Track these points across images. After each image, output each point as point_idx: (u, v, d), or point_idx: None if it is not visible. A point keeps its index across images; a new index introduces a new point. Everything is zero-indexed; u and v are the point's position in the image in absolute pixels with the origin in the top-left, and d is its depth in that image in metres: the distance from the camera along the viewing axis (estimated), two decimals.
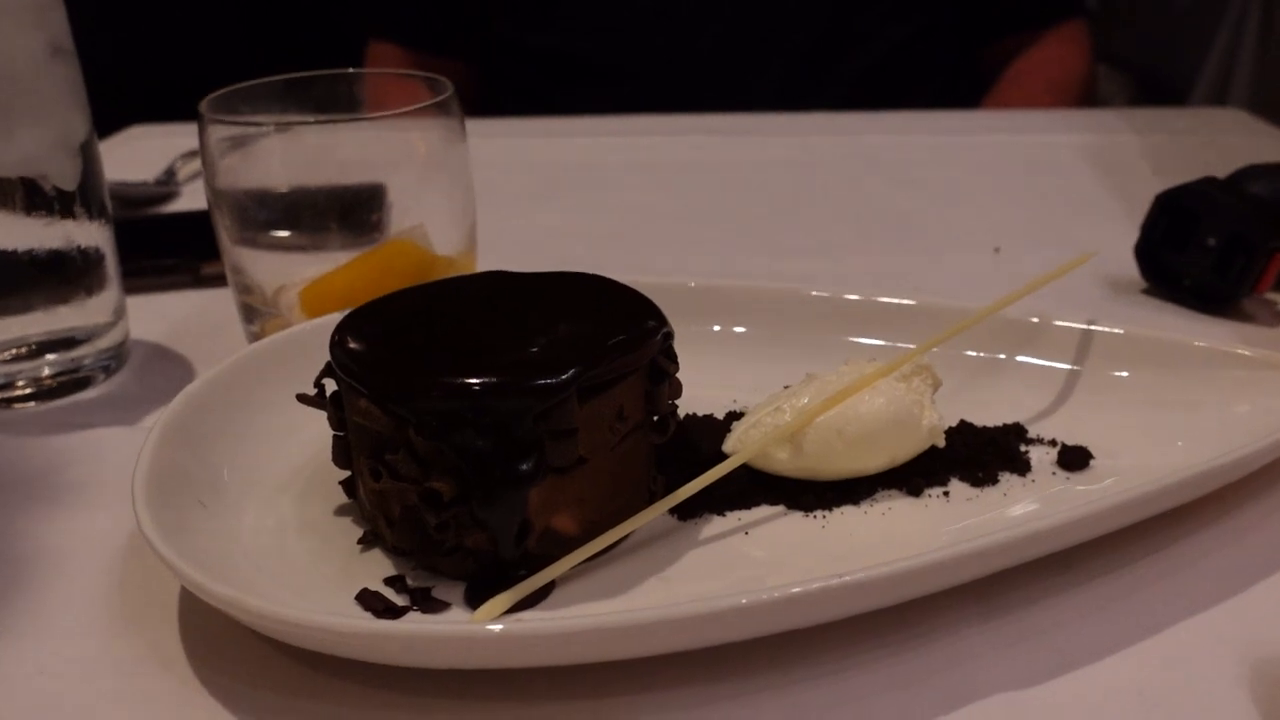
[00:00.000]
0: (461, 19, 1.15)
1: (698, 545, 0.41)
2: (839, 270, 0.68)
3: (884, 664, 0.36)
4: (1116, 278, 0.63)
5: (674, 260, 0.70)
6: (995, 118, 1.05)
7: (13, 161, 0.50)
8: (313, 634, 0.33)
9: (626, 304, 0.42)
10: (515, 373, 0.37)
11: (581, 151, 0.92)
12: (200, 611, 0.39)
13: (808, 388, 0.43)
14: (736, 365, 0.50)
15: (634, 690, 0.35)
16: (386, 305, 0.43)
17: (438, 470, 0.37)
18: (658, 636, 0.33)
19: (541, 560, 0.38)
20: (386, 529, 0.39)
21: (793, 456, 0.42)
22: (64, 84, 0.52)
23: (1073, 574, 0.39)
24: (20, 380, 0.54)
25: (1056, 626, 0.38)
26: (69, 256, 0.53)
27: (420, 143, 0.54)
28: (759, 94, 1.07)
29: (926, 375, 0.44)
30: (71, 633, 0.39)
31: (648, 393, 0.40)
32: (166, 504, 0.38)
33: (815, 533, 0.41)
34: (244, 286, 0.56)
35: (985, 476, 0.43)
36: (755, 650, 0.36)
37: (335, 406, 0.41)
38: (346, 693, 0.35)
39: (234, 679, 0.36)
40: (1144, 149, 0.88)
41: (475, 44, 1.15)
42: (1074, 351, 0.49)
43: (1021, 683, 0.35)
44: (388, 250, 0.56)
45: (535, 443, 0.36)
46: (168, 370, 0.58)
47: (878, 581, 0.33)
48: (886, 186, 0.82)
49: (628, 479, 0.40)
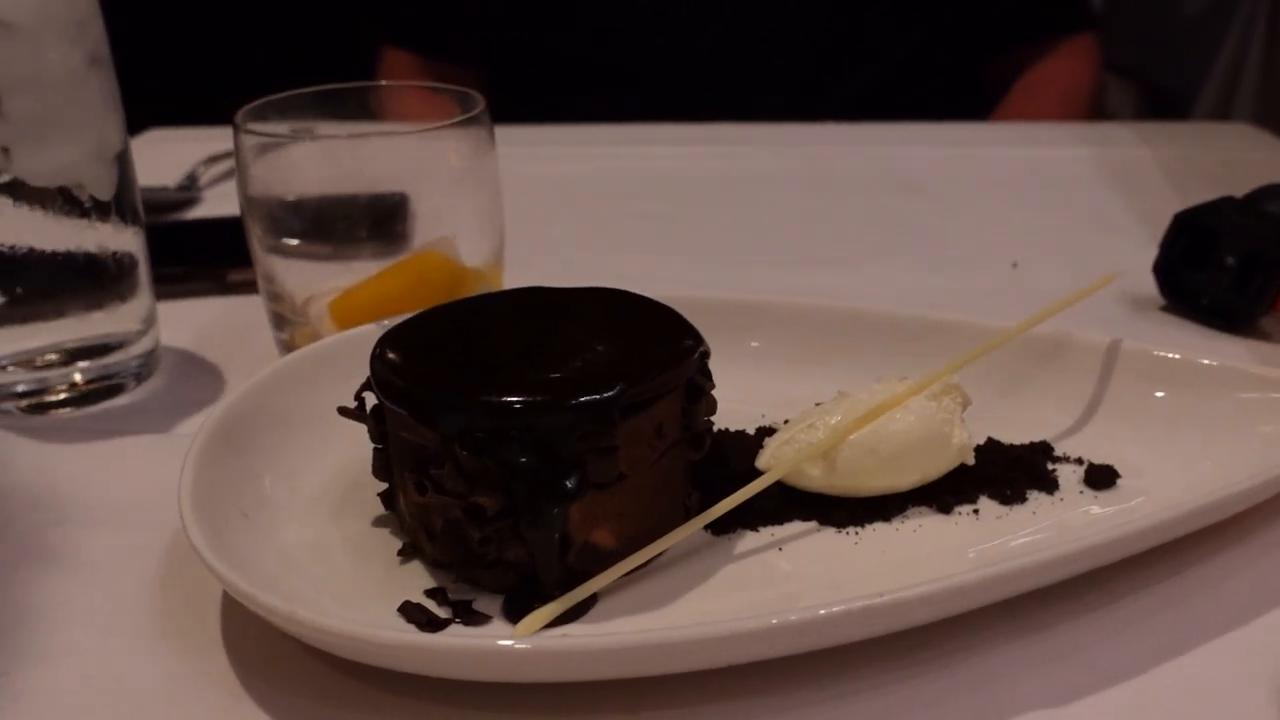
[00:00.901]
0: (472, 25, 1.16)
1: (732, 560, 0.41)
2: (856, 284, 0.68)
3: (918, 680, 0.37)
4: (1135, 295, 0.64)
5: (687, 272, 0.70)
6: (1005, 130, 1.06)
7: (51, 170, 0.51)
8: (364, 647, 0.34)
9: (662, 321, 0.43)
10: (560, 390, 0.37)
11: (592, 161, 0.93)
12: (242, 620, 0.40)
13: (840, 405, 0.44)
14: (764, 381, 0.50)
15: (671, 705, 0.36)
16: (425, 321, 0.44)
17: (482, 485, 0.37)
18: (698, 653, 0.34)
19: (580, 575, 0.39)
20: (428, 542, 0.40)
21: (826, 473, 0.43)
22: (101, 94, 0.52)
23: (1100, 593, 0.40)
24: (56, 386, 0.54)
25: (1086, 645, 0.38)
26: (104, 264, 0.54)
27: (452, 155, 0.55)
28: (766, 103, 1.07)
29: (956, 394, 0.44)
30: (114, 641, 0.39)
31: (685, 410, 0.41)
32: (211, 515, 0.39)
33: (848, 549, 0.42)
34: (274, 294, 0.57)
35: (1014, 494, 0.44)
36: (792, 666, 0.36)
37: (376, 420, 0.41)
38: (386, 703, 0.36)
39: (277, 688, 0.37)
40: (1156, 163, 0.89)
41: (485, 50, 1.15)
42: (1098, 370, 0.49)
43: (1053, 701, 0.36)
44: (417, 262, 0.57)
45: (578, 459, 0.37)
46: (198, 377, 0.58)
47: (918, 600, 0.34)
48: (900, 199, 0.83)
49: (665, 495, 0.41)
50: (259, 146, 0.53)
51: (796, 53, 1.11)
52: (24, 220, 0.51)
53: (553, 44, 1.13)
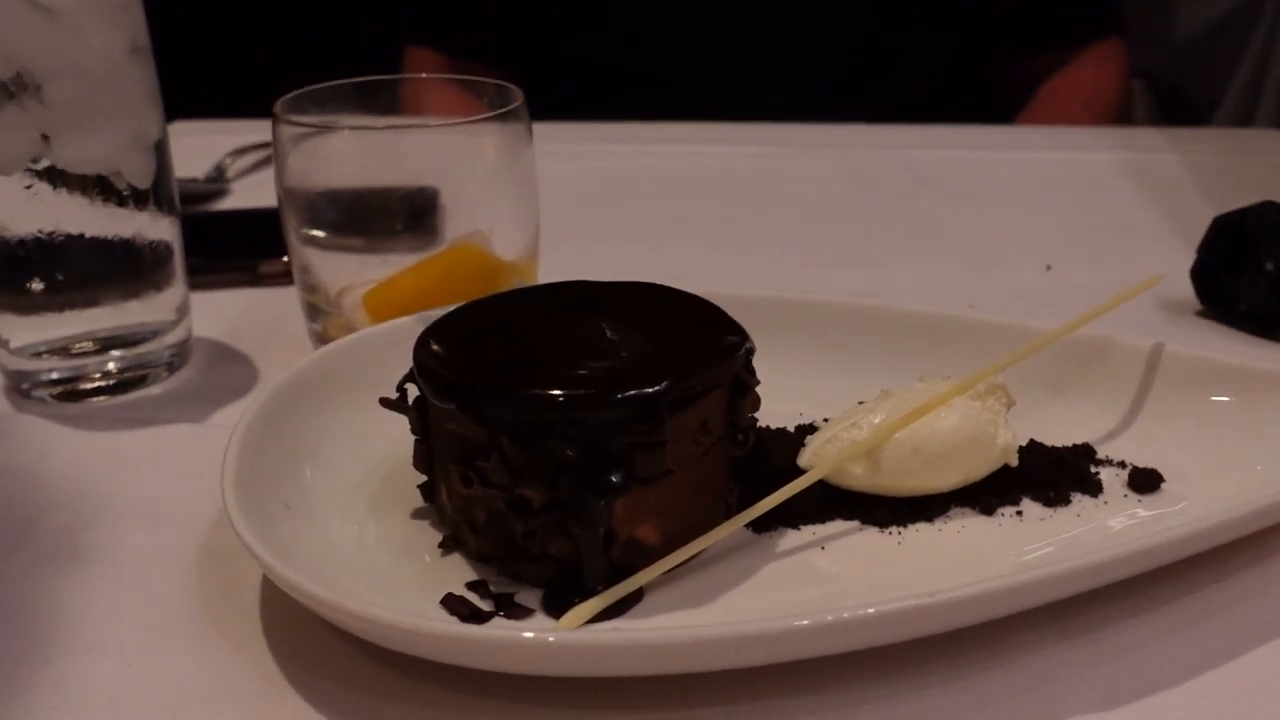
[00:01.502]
0: (498, 26, 1.15)
1: (774, 558, 0.41)
2: (888, 284, 0.68)
3: (966, 682, 0.36)
4: (1171, 299, 0.63)
5: (715, 270, 0.70)
6: (1034, 134, 1.05)
7: (90, 158, 0.51)
8: (415, 639, 0.33)
9: (706, 316, 0.43)
10: (609, 384, 0.37)
11: (619, 159, 0.92)
12: (282, 609, 0.39)
13: (883, 404, 0.43)
14: (802, 379, 0.50)
15: (717, 702, 0.36)
16: (468, 314, 0.43)
17: (528, 478, 0.37)
18: (749, 649, 0.34)
19: (623, 570, 0.38)
20: (470, 535, 0.40)
21: (869, 472, 0.42)
22: (141, 82, 0.52)
23: (1145, 597, 0.40)
24: (90, 374, 0.54)
25: (1133, 648, 0.38)
26: (141, 252, 0.54)
27: (490, 148, 0.55)
28: (792, 108, 1.07)
29: (1001, 394, 0.44)
30: (153, 629, 0.39)
31: (730, 406, 0.40)
32: (254, 506, 0.39)
33: (891, 549, 0.41)
34: (309, 285, 0.56)
35: (1057, 497, 0.44)
36: (841, 665, 0.36)
37: (418, 412, 0.41)
38: (427, 695, 0.36)
39: (319, 677, 0.37)
40: (1186, 168, 0.88)
41: (511, 50, 1.15)
42: (1140, 373, 0.49)
43: (1100, 705, 0.36)
44: (452, 255, 0.56)
45: (625, 454, 0.37)
46: (230, 368, 0.58)
47: (972, 600, 0.34)
48: (931, 201, 0.83)
49: (708, 491, 0.41)
50: (297, 137, 0.53)
51: (824, 58, 1.10)
52: (63, 207, 0.51)
53: (580, 46, 1.12)
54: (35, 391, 0.54)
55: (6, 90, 0.49)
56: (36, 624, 0.39)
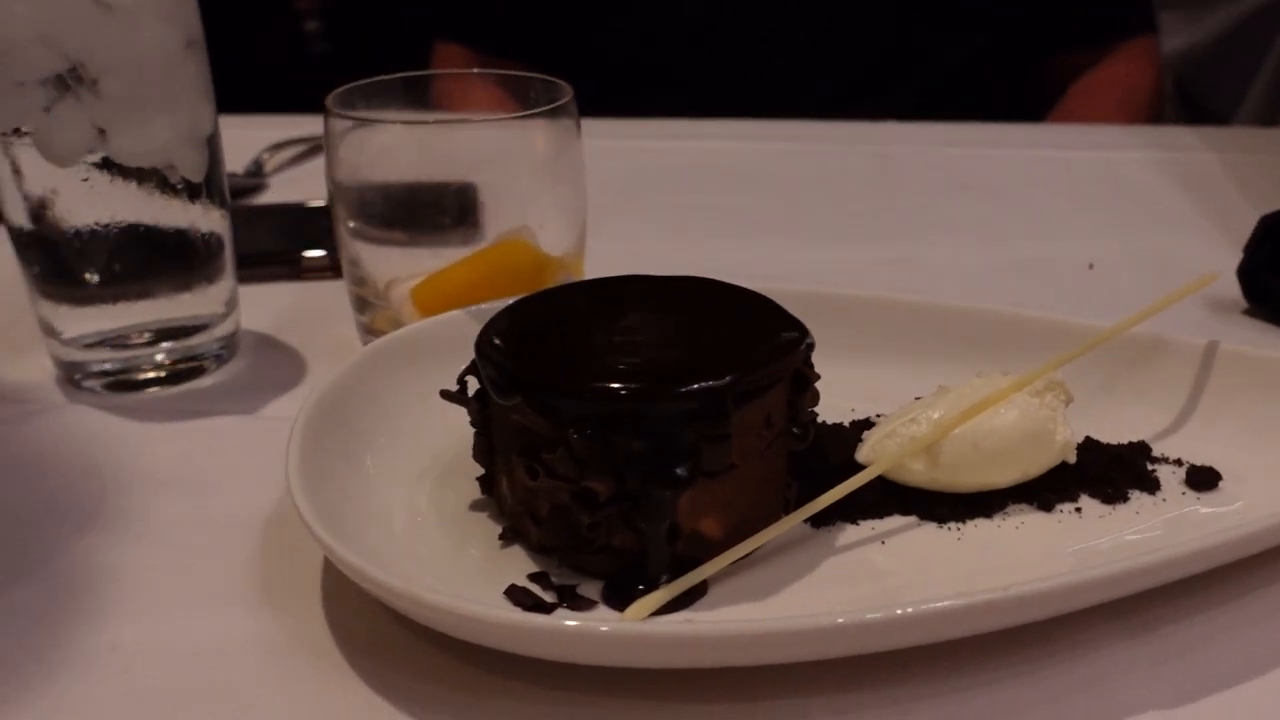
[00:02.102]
0: (527, 22, 1.16)
1: (834, 553, 0.41)
2: (928, 281, 0.68)
3: (1034, 677, 0.36)
4: (1217, 299, 0.63)
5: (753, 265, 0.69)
6: (1069, 132, 1.05)
7: (145, 151, 0.51)
8: (488, 629, 0.34)
9: (763, 311, 0.43)
10: (675, 377, 0.37)
11: (652, 155, 0.93)
12: (342, 596, 0.40)
13: (941, 400, 0.43)
14: (855, 375, 0.50)
15: (783, 694, 0.36)
16: (528, 307, 0.44)
17: (593, 470, 0.37)
18: (822, 643, 0.34)
19: (686, 562, 0.38)
20: (532, 526, 0.40)
21: (928, 468, 0.42)
22: (195, 76, 0.52)
23: (1210, 594, 0.40)
24: (141, 366, 0.55)
25: (1199, 646, 0.38)
26: (194, 245, 0.54)
27: (539, 143, 0.55)
28: (819, 108, 1.07)
29: (1060, 391, 0.44)
30: (218, 615, 0.39)
31: (791, 400, 0.41)
32: (317, 495, 0.39)
33: (951, 544, 0.41)
34: (358, 278, 0.57)
35: (1115, 494, 0.44)
36: (906, 659, 0.36)
37: (479, 404, 0.41)
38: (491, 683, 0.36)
39: (381, 664, 0.37)
40: (1223, 166, 0.88)
41: (538, 47, 1.15)
42: (1194, 371, 0.49)
43: (1166, 702, 0.36)
44: (500, 249, 0.57)
45: (692, 447, 0.37)
46: (277, 360, 0.58)
47: (1042, 595, 0.34)
48: (969, 198, 0.83)
49: (769, 485, 0.41)
50: (348, 130, 0.54)
51: (850, 56, 1.10)
52: (118, 200, 0.51)
53: (606, 44, 1.12)
54: (86, 382, 0.55)
55: (64, 84, 0.49)
56: (101, 609, 0.40)
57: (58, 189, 0.51)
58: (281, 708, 0.36)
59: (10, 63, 0.48)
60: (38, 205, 0.51)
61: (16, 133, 0.49)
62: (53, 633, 0.39)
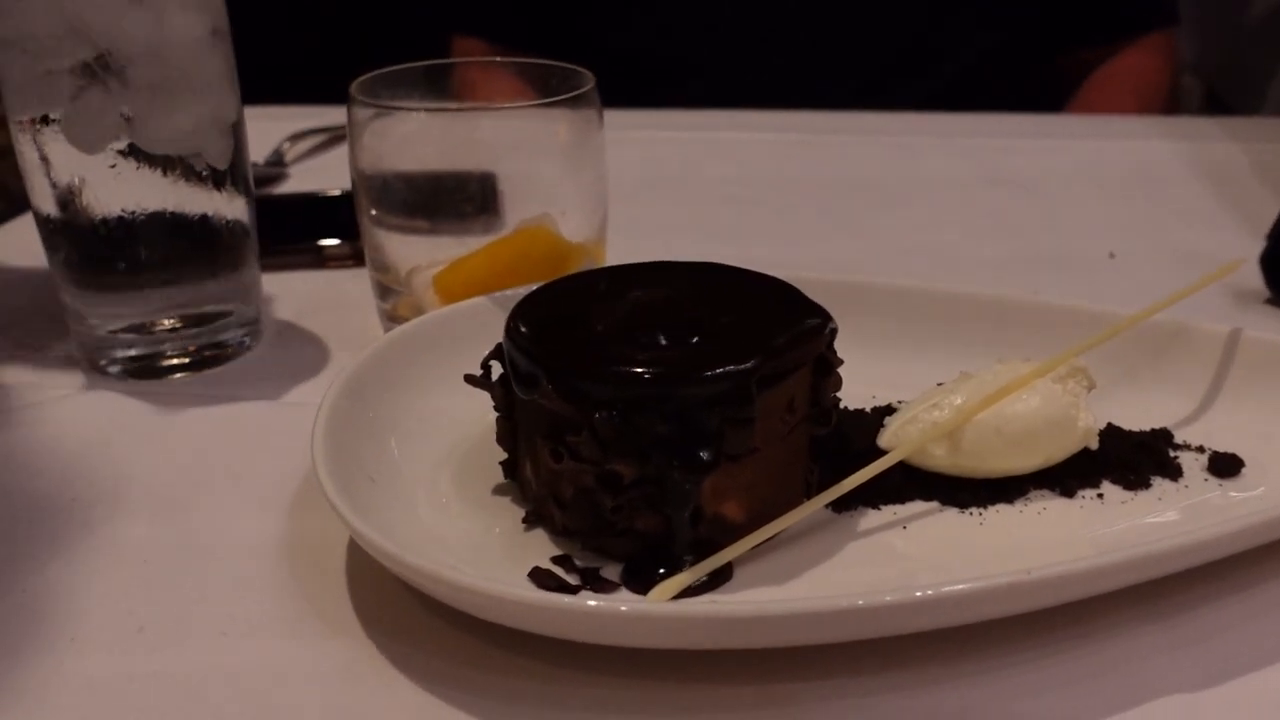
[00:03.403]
0: (545, 16, 1.16)
1: (856, 538, 0.41)
2: (950, 271, 0.68)
3: (1053, 660, 0.36)
4: (1239, 287, 0.63)
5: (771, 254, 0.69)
6: (1089, 122, 1.04)
7: (171, 139, 0.51)
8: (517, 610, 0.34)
9: (786, 297, 0.43)
10: (699, 361, 0.37)
11: (673, 146, 0.93)
12: (367, 579, 0.40)
13: (963, 386, 0.44)
14: (876, 362, 0.50)
15: (800, 678, 0.36)
16: (552, 292, 0.44)
17: (617, 453, 0.37)
18: (847, 624, 0.34)
19: (709, 545, 0.39)
20: (556, 510, 0.40)
21: (950, 453, 0.42)
22: (221, 64, 0.53)
23: (1235, 579, 0.40)
24: (166, 352, 0.55)
25: (1222, 631, 0.38)
26: (219, 232, 0.54)
27: (561, 131, 0.55)
28: (836, 103, 1.06)
29: (1082, 377, 0.44)
30: (243, 597, 0.40)
31: (814, 385, 0.41)
32: (343, 479, 0.39)
33: (973, 529, 0.42)
34: (380, 265, 0.57)
35: (1138, 480, 0.44)
36: (927, 642, 0.36)
37: (503, 389, 0.42)
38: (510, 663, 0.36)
39: (406, 645, 0.37)
40: (1244, 156, 0.88)
41: (555, 39, 1.15)
42: (1217, 359, 0.49)
43: (1190, 685, 0.36)
44: (522, 237, 0.57)
45: (716, 430, 0.37)
46: (300, 347, 0.59)
47: (1066, 578, 0.34)
48: (988, 188, 0.82)
49: (792, 470, 0.41)
50: (372, 118, 0.54)
51: (868, 51, 1.10)
52: (144, 187, 0.52)
53: (624, 36, 1.12)
54: (111, 368, 0.55)
55: (91, 72, 0.49)
56: (126, 591, 0.40)
57: (85, 177, 0.51)
58: (307, 688, 0.36)
59: (38, 51, 0.49)
60: (65, 193, 0.52)
61: (45, 120, 0.50)
62: (81, 610, 0.39)
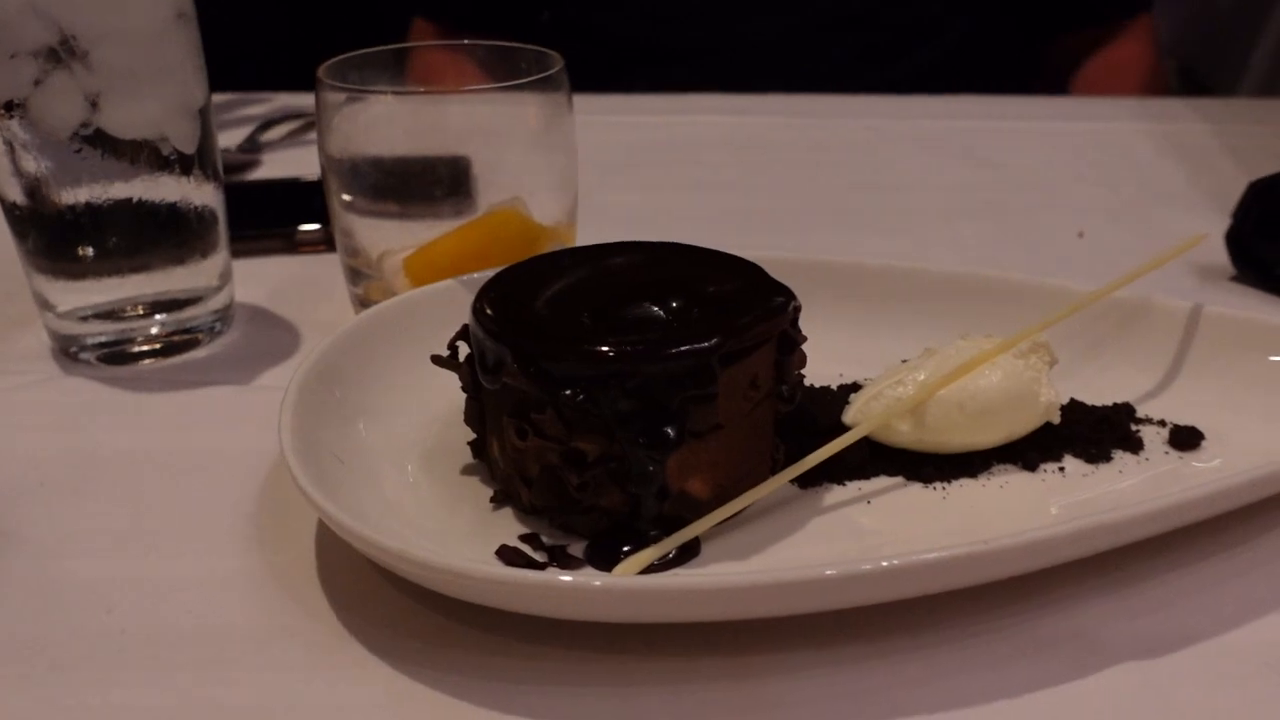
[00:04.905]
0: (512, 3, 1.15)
1: (821, 513, 0.42)
2: (922, 250, 0.68)
3: (1013, 630, 0.37)
4: (1205, 264, 0.63)
5: (746, 236, 0.70)
6: (1063, 104, 1.05)
7: (138, 124, 0.51)
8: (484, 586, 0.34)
9: (752, 276, 0.43)
10: (662, 338, 0.38)
11: (645, 130, 0.93)
12: (336, 560, 0.40)
13: (927, 362, 0.44)
14: (843, 340, 0.50)
15: (770, 649, 0.36)
16: (520, 273, 0.44)
17: (582, 430, 0.38)
18: (810, 595, 0.34)
19: (674, 522, 0.39)
20: (522, 488, 0.40)
21: (914, 429, 0.43)
22: (186, 48, 0.53)
23: (1188, 550, 0.40)
24: (136, 338, 0.55)
25: (1176, 600, 0.38)
26: (187, 218, 0.54)
27: (531, 114, 0.55)
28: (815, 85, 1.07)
29: (1044, 352, 0.44)
30: (214, 579, 0.40)
31: (778, 362, 0.41)
32: (311, 460, 0.40)
33: (936, 503, 0.42)
34: (351, 250, 0.57)
35: (1099, 454, 0.44)
36: (892, 613, 0.37)
37: (470, 369, 0.42)
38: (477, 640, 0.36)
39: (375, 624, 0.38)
40: (1216, 137, 0.88)
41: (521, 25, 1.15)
42: (1179, 334, 0.49)
43: (1144, 654, 0.36)
44: (492, 220, 0.57)
45: (679, 407, 0.37)
46: (271, 331, 0.59)
47: (1025, 547, 0.35)
48: (962, 169, 0.83)
49: (756, 446, 0.41)
50: (341, 103, 0.54)
51: (852, 38, 1.10)
52: (111, 173, 0.52)
53: (595, 20, 1.12)
54: (82, 354, 0.55)
55: (55, 55, 0.49)
56: (98, 574, 0.40)
57: (51, 163, 0.51)
58: (277, 668, 0.36)
59: (2, 35, 0.48)
60: (32, 180, 0.51)
61: (9, 107, 0.50)
62: (52, 592, 0.39)
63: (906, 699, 0.35)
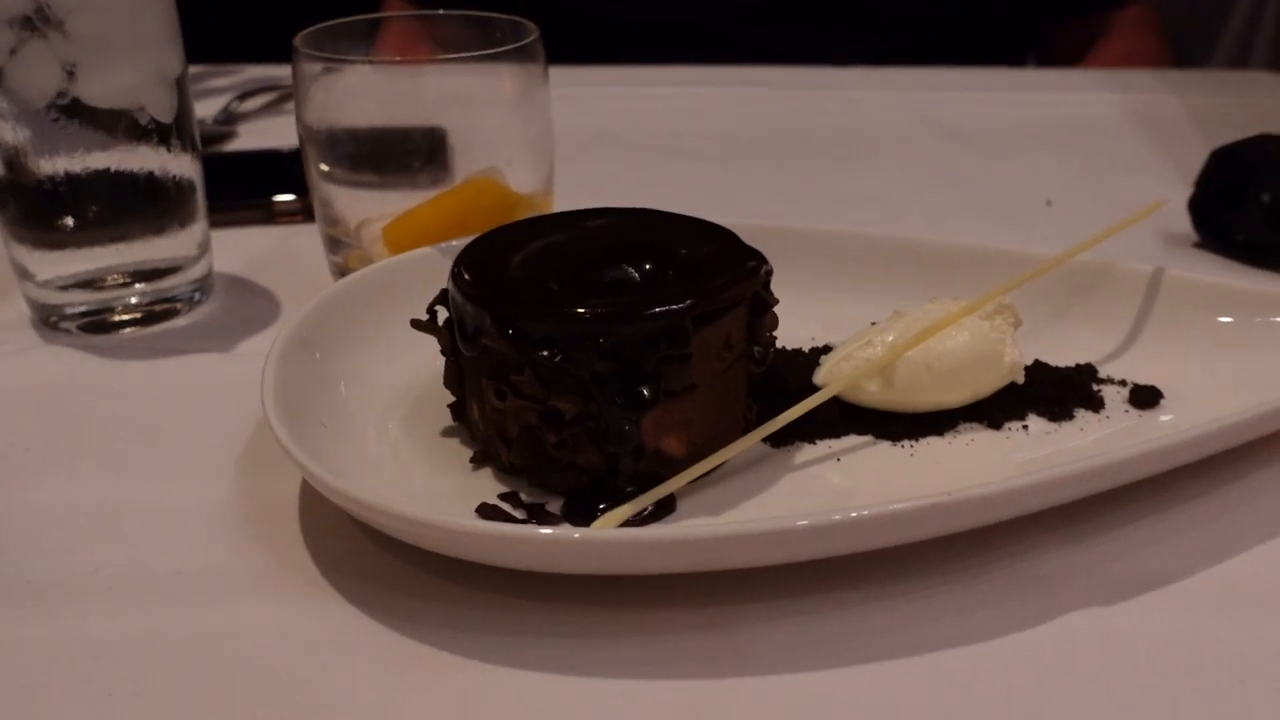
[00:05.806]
0: None
1: (792, 470, 0.43)
2: (893, 219, 0.69)
3: (979, 579, 0.38)
4: (1169, 231, 0.65)
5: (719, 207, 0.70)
6: (1034, 75, 1.06)
7: (114, 93, 0.52)
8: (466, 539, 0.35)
9: (725, 241, 0.44)
10: (637, 300, 0.39)
11: (622, 102, 0.93)
12: (320, 520, 0.41)
13: (895, 324, 0.45)
14: (815, 305, 0.51)
15: (742, 600, 0.37)
16: (497, 238, 0.45)
17: (559, 390, 0.39)
18: (782, 545, 0.35)
19: (650, 479, 0.40)
20: (502, 448, 0.41)
21: (882, 389, 0.44)
22: (161, 17, 0.53)
23: (1146, 503, 0.42)
24: (115, 307, 0.56)
25: (1134, 549, 0.40)
26: (165, 188, 0.55)
27: (506, 83, 0.56)
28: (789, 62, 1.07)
29: (1009, 314, 0.46)
30: (199, 541, 0.41)
31: (750, 324, 0.42)
32: (294, 422, 0.40)
33: (904, 460, 0.43)
34: (330, 219, 0.58)
35: (1062, 412, 0.45)
36: (856, 565, 0.38)
37: (449, 332, 0.43)
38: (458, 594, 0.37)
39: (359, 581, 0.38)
40: (1184, 108, 0.90)
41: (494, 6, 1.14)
42: (1141, 297, 0.51)
43: (1101, 600, 0.38)
44: (469, 189, 0.58)
45: (654, 366, 0.38)
46: (251, 300, 0.59)
47: (986, 499, 0.36)
48: (934, 141, 0.84)
49: (729, 405, 0.43)
50: (318, 73, 0.54)
51: (838, 24, 1.09)
52: (88, 142, 0.52)
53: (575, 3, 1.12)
54: (62, 324, 0.56)
55: (30, 24, 0.49)
56: (86, 536, 0.41)
57: (29, 132, 0.51)
58: (267, 629, 0.37)
59: None
60: (9, 149, 0.52)
61: None
62: (40, 559, 0.40)
63: (874, 646, 0.36)
